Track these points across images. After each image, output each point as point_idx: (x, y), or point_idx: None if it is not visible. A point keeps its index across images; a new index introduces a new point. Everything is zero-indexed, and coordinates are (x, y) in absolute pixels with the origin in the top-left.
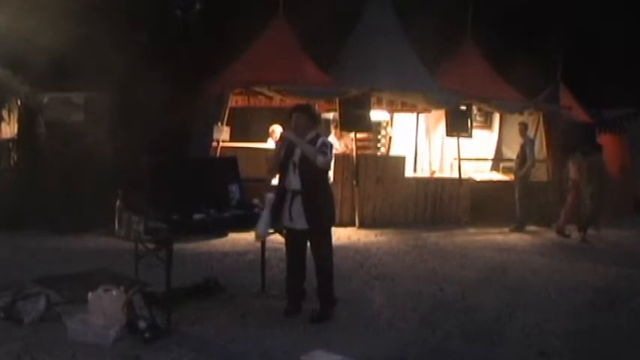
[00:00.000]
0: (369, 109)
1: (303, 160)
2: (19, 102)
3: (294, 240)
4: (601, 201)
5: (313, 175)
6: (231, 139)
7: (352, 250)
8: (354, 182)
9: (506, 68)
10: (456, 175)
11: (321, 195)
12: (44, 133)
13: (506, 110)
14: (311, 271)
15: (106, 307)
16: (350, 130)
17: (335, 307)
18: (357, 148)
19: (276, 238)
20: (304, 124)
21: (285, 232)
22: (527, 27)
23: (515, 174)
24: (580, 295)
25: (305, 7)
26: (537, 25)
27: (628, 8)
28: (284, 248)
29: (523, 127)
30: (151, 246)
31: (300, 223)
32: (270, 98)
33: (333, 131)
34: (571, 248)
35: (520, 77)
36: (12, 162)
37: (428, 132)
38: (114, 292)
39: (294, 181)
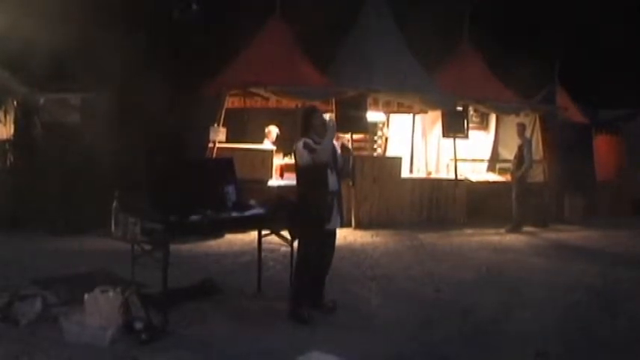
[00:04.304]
0: (365, 109)
1: (337, 161)
2: (15, 103)
3: (321, 241)
4: None
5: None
6: (228, 140)
7: (349, 251)
8: (351, 183)
9: (503, 69)
10: (452, 175)
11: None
12: (41, 134)
13: (502, 111)
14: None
15: (102, 308)
16: (346, 131)
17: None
18: (354, 149)
19: (273, 239)
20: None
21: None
22: (524, 28)
23: (512, 174)
24: (577, 296)
25: (302, 8)
26: (534, 26)
27: (626, 9)
28: (280, 249)
29: (521, 128)
30: (147, 247)
31: (336, 222)
32: (267, 99)
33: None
34: (568, 249)
35: (517, 78)
36: (8, 163)
37: (424, 133)
38: (110, 293)
39: (334, 182)
